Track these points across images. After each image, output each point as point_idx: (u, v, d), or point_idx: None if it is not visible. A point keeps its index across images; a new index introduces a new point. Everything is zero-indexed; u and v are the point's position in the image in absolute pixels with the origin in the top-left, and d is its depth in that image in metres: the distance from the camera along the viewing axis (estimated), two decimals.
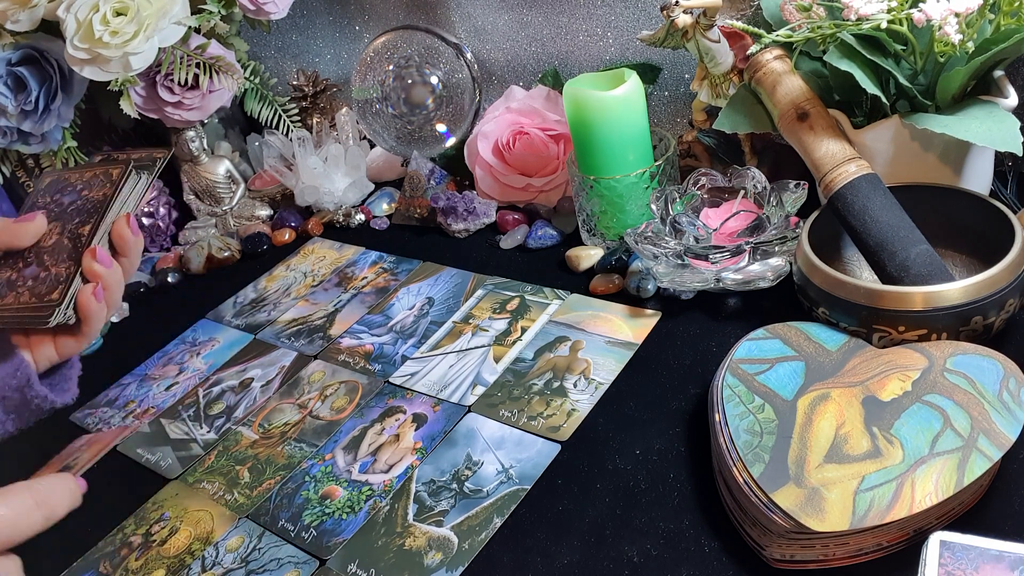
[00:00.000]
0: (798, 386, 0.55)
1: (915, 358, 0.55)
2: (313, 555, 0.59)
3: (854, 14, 0.59)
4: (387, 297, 0.85)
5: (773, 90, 0.66)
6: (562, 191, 0.91)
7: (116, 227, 0.63)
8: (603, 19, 0.93)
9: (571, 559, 0.54)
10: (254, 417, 0.74)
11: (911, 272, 0.59)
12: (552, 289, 0.80)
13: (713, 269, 0.70)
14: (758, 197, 0.72)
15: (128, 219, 0.63)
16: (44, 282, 0.60)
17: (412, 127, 1.01)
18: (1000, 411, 0.49)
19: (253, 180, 1.11)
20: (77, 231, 0.62)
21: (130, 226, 0.63)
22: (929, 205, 0.64)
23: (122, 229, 0.63)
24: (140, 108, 0.96)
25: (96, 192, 0.63)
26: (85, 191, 0.64)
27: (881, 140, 0.66)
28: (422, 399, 0.70)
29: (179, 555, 0.62)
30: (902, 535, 0.48)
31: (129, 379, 0.83)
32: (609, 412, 0.65)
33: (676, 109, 0.95)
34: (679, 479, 0.58)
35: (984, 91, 0.65)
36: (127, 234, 0.63)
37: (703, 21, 0.69)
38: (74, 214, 0.63)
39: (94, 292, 0.61)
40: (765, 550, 0.49)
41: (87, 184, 0.64)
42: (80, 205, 0.63)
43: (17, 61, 0.90)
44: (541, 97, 0.93)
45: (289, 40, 1.21)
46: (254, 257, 1.00)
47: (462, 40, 1.03)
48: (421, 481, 0.62)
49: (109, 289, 0.62)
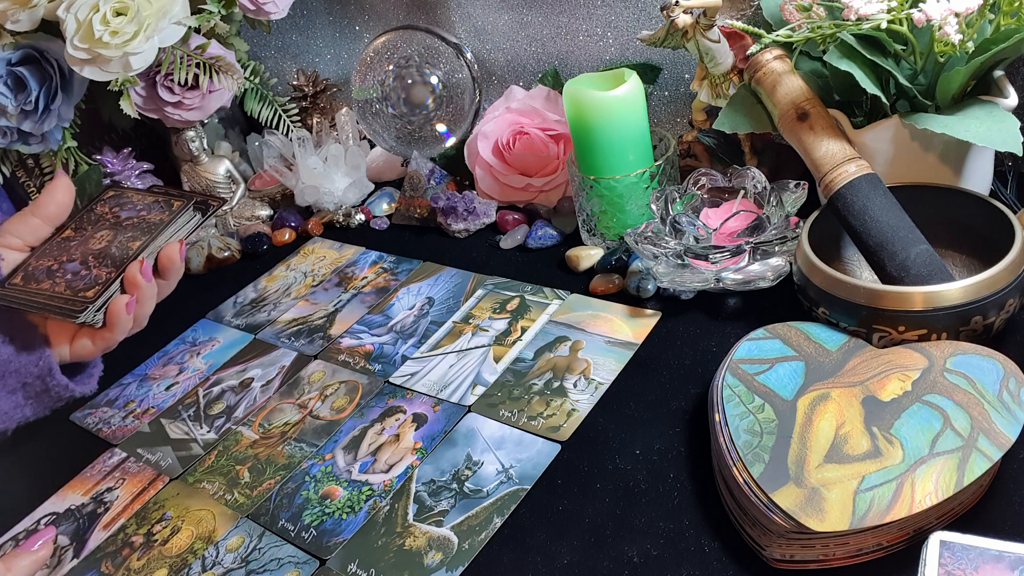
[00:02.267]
0: (798, 386, 0.55)
1: (915, 358, 0.55)
2: (313, 555, 0.59)
3: (854, 14, 0.59)
4: (387, 297, 0.85)
5: (773, 90, 0.66)
6: (562, 191, 0.91)
7: (166, 249, 0.67)
8: (603, 19, 0.93)
9: (571, 559, 0.54)
10: (254, 417, 0.74)
11: (911, 272, 0.59)
12: (552, 289, 0.80)
13: (713, 269, 0.70)
14: (758, 197, 0.72)
15: (181, 245, 0.68)
16: (83, 279, 0.64)
17: (412, 127, 1.01)
18: (1000, 411, 0.49)
19: (253, 180, 1.11)
20: (127, 244, 0.66)
21: (180, 252, 0.68)
22: (929, 205, 0.64)
23: (172, 252, 0.68)
24: (140, 108, 0.96)
25: (154, 216, 0.68)
26: (144, 212, 0.69)
27: (881, 140, 0.66)
28: (422, 399, 0.70)
29: (181, 554, 0.62)
30: (902, 535, 0.48)
31: (129, 379, 0.83)
32: (609, 412, 0.65)
33: (676, 109, 0.95)
34: (679, 479, 0.58)
35: (984, 91, 0.65)
36: (175, 257, 0.68)
37: (703, 21, 0.69)
38: (128, 228, 0.68)
39: (127, 303, 0.65)
40: (765, 550, 0.50)
41: (147, 207, 0.69)
42: (136, 223, 0.68)
43: (17, 61, 0.90)
44: (541, 97, 0.93)
45: (289, 40, 1.21)
46: (254, 257, 1.00)
47: (462, 40, 1.03)
48: (421, 481, 0.62)
49: (141, 303, 0.66)
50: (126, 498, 0.68)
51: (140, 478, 0.70)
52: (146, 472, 0.71)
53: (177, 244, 0.68)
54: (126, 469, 0.71)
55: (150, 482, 0.69)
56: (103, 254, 0.65)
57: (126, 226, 0.68)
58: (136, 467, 0.71)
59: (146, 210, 0.69)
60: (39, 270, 0.65)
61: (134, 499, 0.68)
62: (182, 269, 0.69)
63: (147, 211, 0.69)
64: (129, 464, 0.72)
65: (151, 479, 0.70)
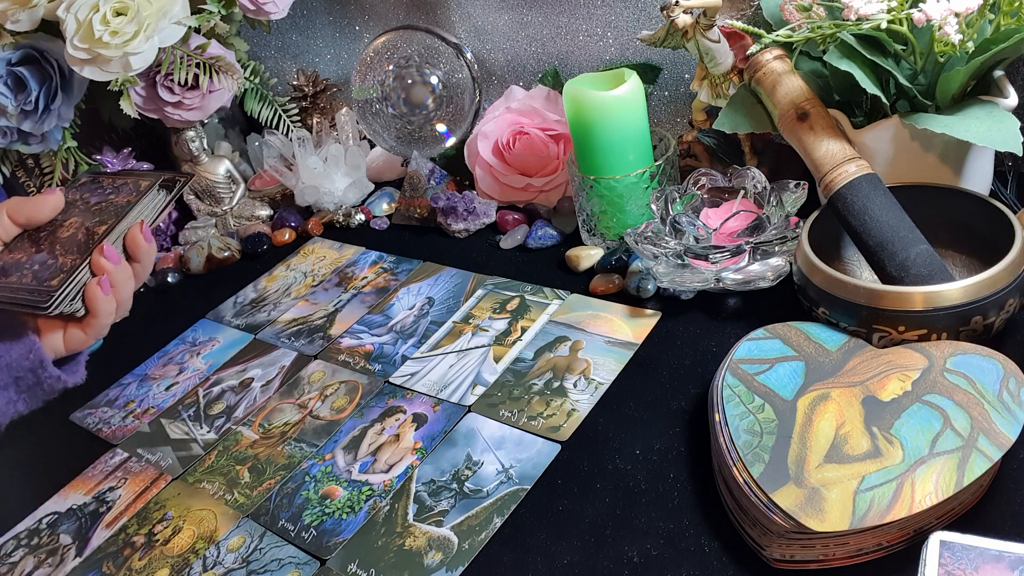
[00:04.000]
0: (798, 386, 0.55)
1: (915, 358, 0.55)
2: (313, 555, 0.59)
3: (854, 14, 0.59)
4: (387, 297, 0.85)
5: (773, 90, 0.66)
6: (562, 191, 0.91)
7: (130, 232, 0.66)
8: (603, 19, 0.93)
9: (571, 559, 0.54)
10: (254, 417, 0.74)
11: (911, 272, 0.59)
12: (552, 289, 0.80)
13: (713, 269, 0.70)
14: (758, 197, 0.72)
15: (141, 225, 0.66)
16: (48, 268, 0.62)
17: (412, 127, 1.01)
18: (1000, 411, 0.49)
19: (253, 180, 1.11)
20: (93, 229, 0.64)
21: (143, 232, 0.66)
22: (929, 205, 0.64)
23: (135, 234, 0.66)
24: (140, 108, 0.96)
25: (121, 198, 0.67)
26: (112, 195, 0.67)
27: (881, 140, 0.66)
28: (422, 399, 0.70)
29: (183, 554, 0.62)
30: (902, 535, 0.48)
31: (129, 379, 0.83)
32: (609, 412, 0.65)
33: (676, 109, 0.95)
34: (679, 479, 0.58)
35: (984, 91, 0.65)
36: (139, 239, 0.66)
37: (703, 21, 0.69)
38: (95, 213, 0.66)
39: (99, 283, 0.63)
40: (765, 550, 0.50)
41: (116, 189, 0.68)
42: (103, 207, 0.66)
43: (17, 61, 0.90)
44: (541, 97, 0.93)
45: (289, 40, 1.21)
46: (254, 257, 1.00)
47: (462, 40, 1.03)
48: (421, 481, 0.62)
49: (117, 286, 0.65)
50: (128, 497, 0.68)
51: (142, 477, 0.70)
52: (148, 472, 0.71)
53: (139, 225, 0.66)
54: (128, 468, 0.71)
55: (152, 481, 0.69)
56: (69, 241, 0.64)
57: (94, 211, 0.66)
58: (138, 467, 0.71)
59: (114, 192, 0.68)
60: (9, 264, 0.64)
61: (136, 498, 0.68)
62: (152, 249, 0.68)
63: (116, 194, 0.67)
64: (131, 464, 0.72)
65: (153, 478, 0.70)
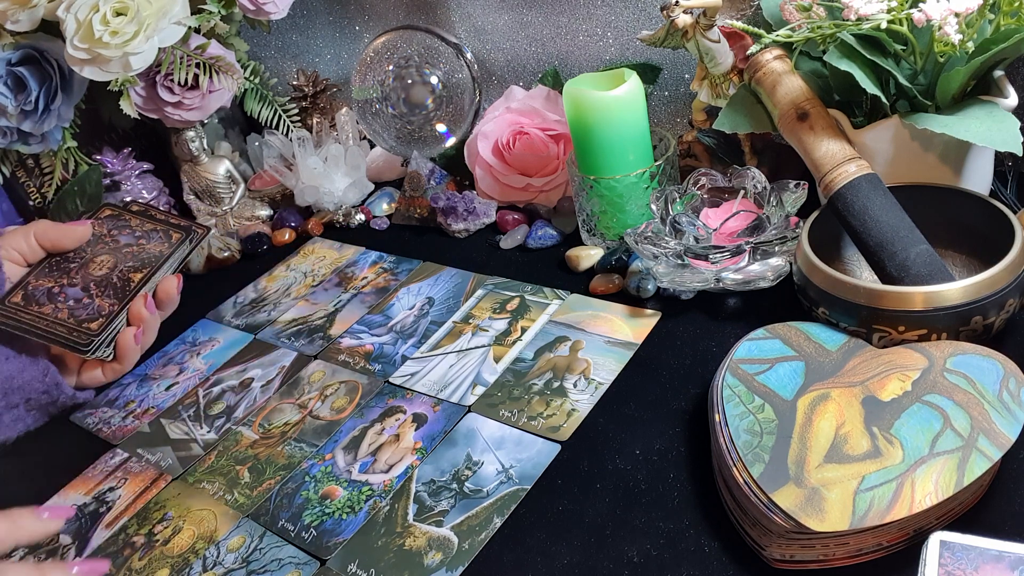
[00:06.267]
0: (798, 386, 0.55)
1: (915, 358, 0.55)
2: (313, 555, 0.59)
3: (854, 14, 0.59)
4: (387, 297, 0.85)
5: (773, 90, 0.66)
6: (562, 191, 0.91)
7: (165, 284, 0.71)
8: (603, 19, 0.93)
9: (571, 559, 0.54)
10: (254, 417, 0.74)
11: (911, 272, 0.59)
12: (552, 289, 0.80)
13: (713, 269, 0.70)
14: (758, 197, 0.72)
15: (179, 280, 0.72)
16: (86, 308, 0.66)
17: (412, 127, 1.01)
18: (1000, 411, 0.49)
19: (253, 180, 1.11)
20: (128, 275, 0.69)
21: (177, 286, 0.72)
22: (929, 205, 0.64)
23: (170, 288, 0.72)
24: (140, 108, 0.96)
25: (154, 246, 0.72)
26: (143, 240, 0.72)
27: (881, 140, 0.66)
28: (422, 399, 0.70)
29: (183, 554, 0.62)
30: (902, 535, 0.48)
31: (129, 379, 0.83)
32: (609, 412, 0.65)
33: (676, 109, 0.95)
34: (679, 479, 0.58)
35: (984, 91, 0.65)
36: (173, 292, 0.72)
37: (703, 21, 0.69)
38: (128, 257, 0.70)
39: (135, 335, 0.69)
40: (765, 550, 0.50)
41: (146, 235, 0.72)
42: (135, 252, 0.71)
43: (17, 61, 0.90)
44: (541, 97, 0.93)
45: (289, 40, 1.21)
46: (254, 257, 1.00)
47: (462, 40, 1.03)
48: (421, 481, 0.62)
49: (145, 334, 0.70)
50: (128, 497, 0.68)
51: (142, 477, 0.70)
52: (148, 472, 0.71)
53: (175, 279, 0.71)
54: (128, 468, 0.71)
55: (152, 481, 0.69)
56: (105, 282, 0.67)
57: (125, 254, 0.70)
58: (138, 467, 0.71)
59: (145, 238, 0.71)
60: (39, 291, 0.65)
61: (136, 498, 0.68)
62: (178, 301, 0.73)
63: (146, 239, 0.71)
64: (131, 464, 0.72)
65: (153, 479, 0.70)
